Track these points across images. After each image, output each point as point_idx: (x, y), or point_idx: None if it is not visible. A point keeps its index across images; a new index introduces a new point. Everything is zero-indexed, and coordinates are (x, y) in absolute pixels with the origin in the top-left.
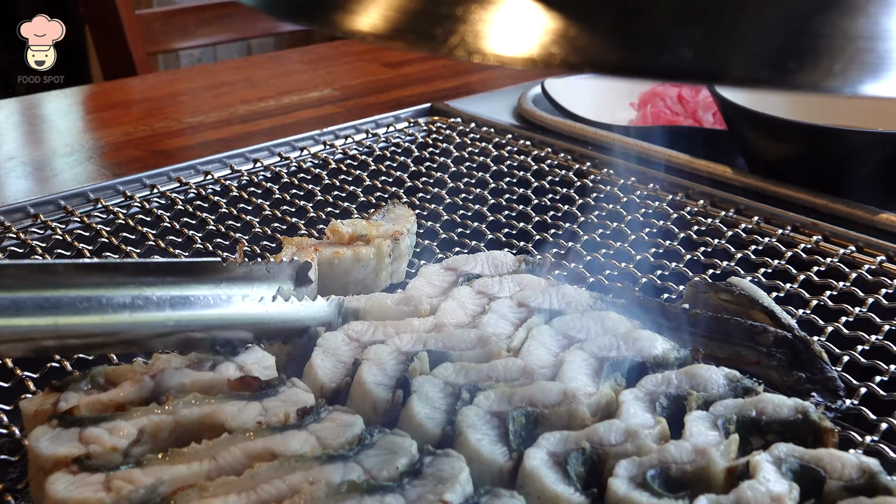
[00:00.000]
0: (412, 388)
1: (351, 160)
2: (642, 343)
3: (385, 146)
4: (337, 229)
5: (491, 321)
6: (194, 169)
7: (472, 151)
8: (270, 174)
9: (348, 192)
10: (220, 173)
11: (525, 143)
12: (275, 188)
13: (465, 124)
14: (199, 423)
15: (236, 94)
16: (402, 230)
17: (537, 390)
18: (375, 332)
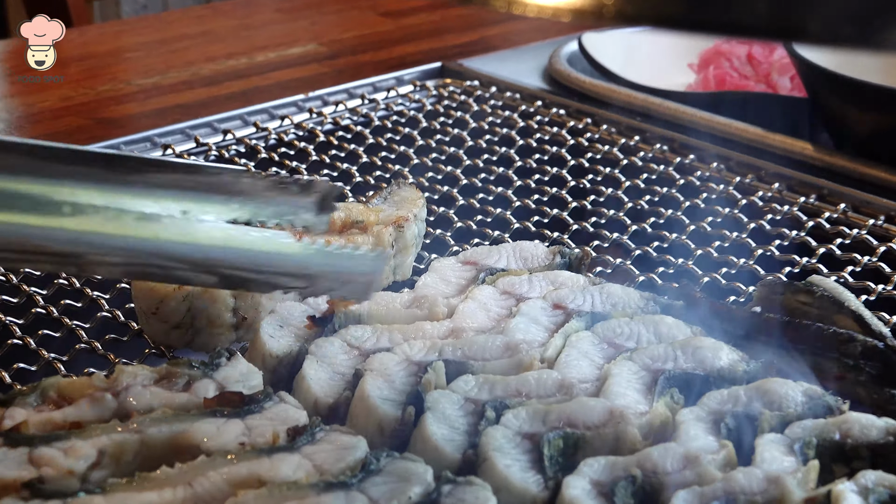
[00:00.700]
0: (426, 405)
1: (343, 132)
2: (704, 353)
3: (385, 115)
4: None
5: (520, 326)
6: (150, 142)
7: (493, 122)
8: (244, 148)
9: (341, 171)
10: (183, 147)
11: (558, 112)
12: (250, 165)
13: (483, 89)
14: (169, 443)
15: (198, 49)
16: (407, 216)
17: (577, 408)
18: (380, 339)
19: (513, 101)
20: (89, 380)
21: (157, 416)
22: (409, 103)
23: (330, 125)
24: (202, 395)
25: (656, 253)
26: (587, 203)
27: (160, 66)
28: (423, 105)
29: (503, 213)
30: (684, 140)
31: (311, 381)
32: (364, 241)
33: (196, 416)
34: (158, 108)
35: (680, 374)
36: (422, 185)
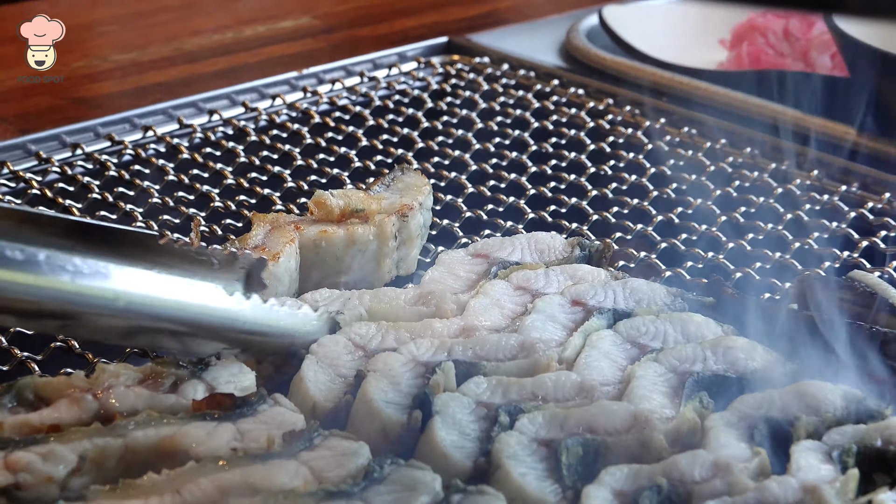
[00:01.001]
0: (434, 409)
1: (341, 113)
2: (736, 353)
3: (387, 94)
4: (324, 202)
5: (536, 324)
6: (129, 123)
7: (506, 103)
8: (232, 130)
9: (338, 156)
10: (165, 129)
11: (577, 91)
12: (239, 149)
13: (494, 66)
14: (155, 448)
15: (182, 22)
16: (411, 204)
17: (598, 413)
18: (385, 337)
19: (527, 80)
20: (68, 379)
21: (142, 418)
22: (412, 82)
23: (326, 105)
24: (190, 397)
25: (684, 246)
26: (608, 191)
27: (139, 40)
28: (428, 84)
29: (516, 202)
30: (715, 123)
31: (310, 383)
32: (365, 231)
33: (184, 419)
34: (137, 87)
35: (710, 376)
36: (427, 171)
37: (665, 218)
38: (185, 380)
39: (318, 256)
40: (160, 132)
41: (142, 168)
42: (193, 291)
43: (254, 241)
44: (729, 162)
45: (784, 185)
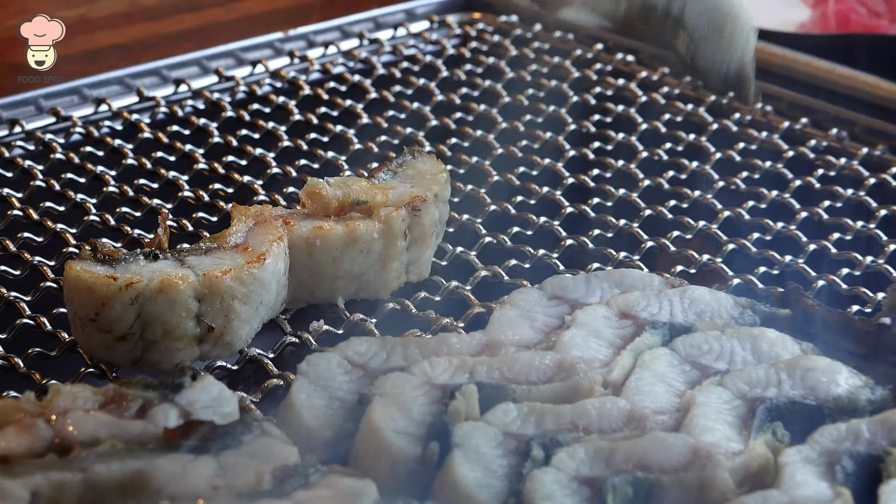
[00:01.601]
0: (454, 441)
1: (337, 83)
2: (817, 377)
3: (392, 61)
4: (319, 192)
5: (577, 340)
6: (78, 95)
7: (538, 72)
8: (204, 104)
9: (333, 135)
10: (122, 102)
11: (626, 58)
12: (212, 127)
13: (524, 27)
14: (121, 485)
15: None
16: (425, 195)
17: (651, 446)
18: (392, 355)
19: (564, 45)
20: (16, 402)
21: (106, 449)
22: (423, 45)
23: (318, 74)
24: (162, 424)
25: (756, 248)
26: (664, 181)
27: None
28: (444, 48)
29: (552, 193)
30: (794, 99)
31: (303, 408)
32: (369, 228)
33: (155, 451)
34: (87, 50)
35: (785, 403)
36: (442, 155)
37: (733, 214)
38: (154, 404)
39: (312, 259)
40: (116, 106)
41: (94, 150)
42: None
43: (234, 238)
44: (811, 146)
45: (877, 175)
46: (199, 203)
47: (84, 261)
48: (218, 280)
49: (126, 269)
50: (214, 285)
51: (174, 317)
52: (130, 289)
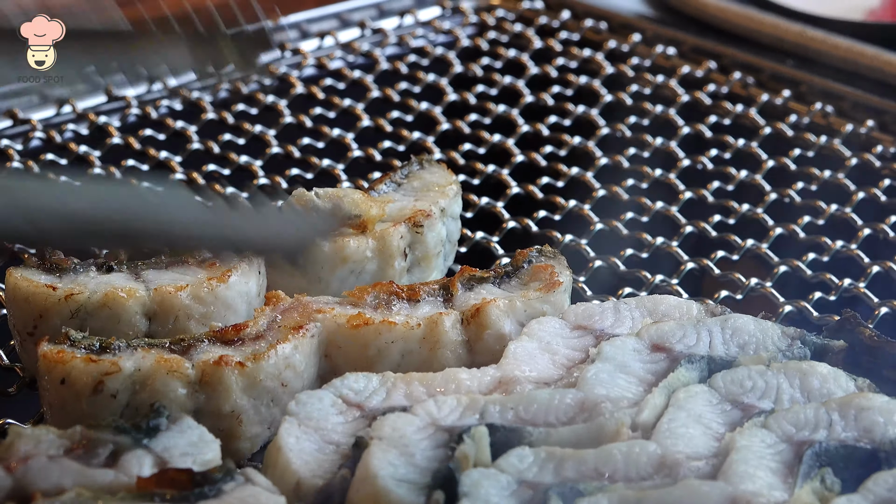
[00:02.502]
0: (461, 490)
1: (334, 80)
2: (873, 417)
3: (397, 54)
4: (305, 203)
5: (602, 375)
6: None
7: (565, 67)
8: (181, 105)
9: (329, 140)
10: (88, 103)
11: (666, 51)
12: (190, 131)
13: (550, 14)
14: None
15: None
16: (429, 210)
17: (685, 496)
18: (392, 393)
19: (596, 35)
20: None
21: (71, 499)
22: (434, 36)
23: (312, 69)
24: (134, 473)
25: (810, 270)
26: (707, 193)
27: None
28: (457, 39)
29: (579, 207)
30: (859, 98)
31: (292, 453)
32: (361, 245)
33: (126, 500)
34: None
35: (836, 447)
36: (454, 163)
37: (785, 231)
38: (127, 449)
39: (294, 280)
40: (81, 108)
41: (56, 157)
42: None
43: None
44: (877, 153)
45: None
46: None
47: (28, 269)
48: (171, 296)
49: (72, 280)
50: (167, 302)
51: (119, 335)
52: (70, 300)
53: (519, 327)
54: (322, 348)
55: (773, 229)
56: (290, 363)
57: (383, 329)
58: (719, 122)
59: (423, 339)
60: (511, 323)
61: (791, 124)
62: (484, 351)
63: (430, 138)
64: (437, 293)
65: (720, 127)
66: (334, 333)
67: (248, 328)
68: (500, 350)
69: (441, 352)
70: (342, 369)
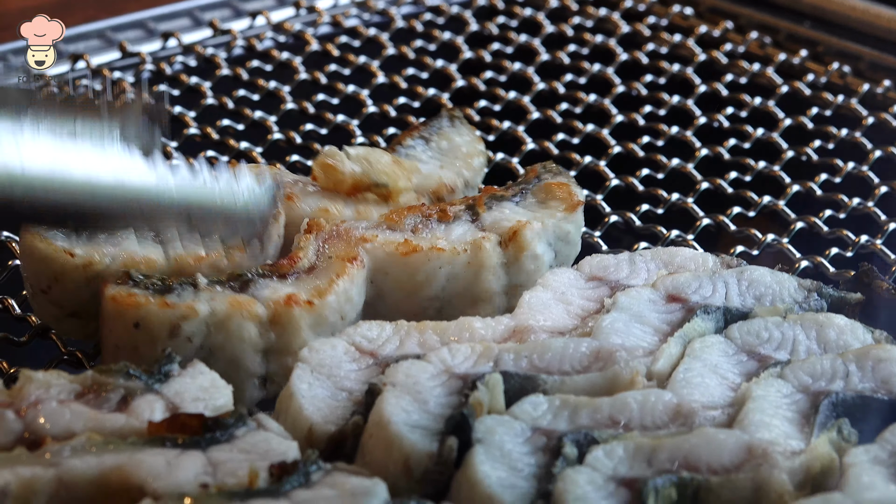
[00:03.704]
0: (475, 436)
1: (349, 37)
2: (891, 369)
3: (413, 12)
4: (334, 166)
5: (617, 325)
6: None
7: (581, 26)
8: (196, 61)
9: (344, 97)
10: (102, 58)
11: (682, 11)
12: (205, 87)
13: None
14: (98, 482)
15: None
16: (453, 183)
17: (700, 444)
18: (406, 341)
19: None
20: None
21: (81, 443)
22: None
23: (327, 27)
24: (145, 418)
25: (827, 227)
26: (723, 151)
27: None
28: None
29: (594, 164)
30: (876, 58)
31: (304, 399)
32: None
33: (137, 444)
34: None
35: (853, 397)
36: (469, 119)
37: (802, 188)
38: (138, 394)
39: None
40: (95, 63)
41: None
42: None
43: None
44: (894, 112)
45: None
46: None
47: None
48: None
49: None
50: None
51: None
52: (88, 269)
53: (549, 247)
54: (370, 275)
55: (790, 186)
56: (349, 296)
57: (432, 256)
58: (736, 81)
59: (468, 264)
60: (544, 244)
61: (808, 83)
62: (519, 272)
63: (446, 95)
64: (465, 212)
65: (737, 86)
66: (382, 261)
67: (301, 261)
68: (535, 271)
69: (484, 275)
70: (388, 295)
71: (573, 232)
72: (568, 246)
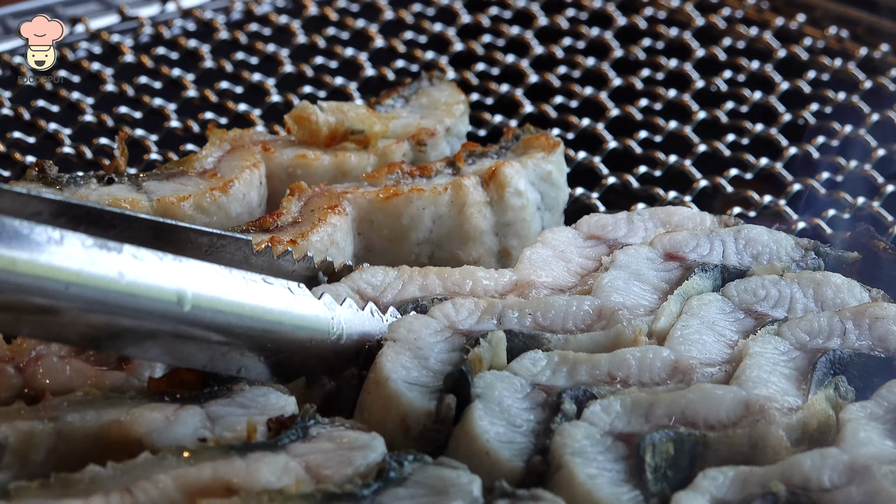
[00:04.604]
0: (474, 392)
1: (347, 1)
2: (887, 326)
3: None
4: (307, 117)
5: (617, 283)
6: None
7: None
8: (195, 25)
9: (343, 61)
10: (100, 22)
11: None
12: (203, 50)
13: None
14: (97, 437)
15: None
16: (433, 128)
17: (697, 400)
18: (408, 285)
19: None
20: None
21: (79, 398)
22: None
23: None
24: (145, 375)
25: (825, 188)
26: (722, 114)
27: None
28: None
29: (592, 127)
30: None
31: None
32: (361, 161)
33: (136, 399)
34: None
35: (850, 355)
36: (467, 83)
37: (799, 151)
38: None
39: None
40: (94, 27)
41: (69, 74)
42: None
43: (202, 163)
44: (891, 76)
45: None
46: (188, 134)
47: (29, 182)
48: (174, 206)
49: (73, 192)
50: (170, 212)
51: None
52: None
53: (532, 187)
54: (355, 226)
55: (787, 149)
56: (334, 239)
57: (413, 196)
58: (733, 46)
59: (451, 203)
60: (525, 182)
61: (806, 48)
62: (505, 210)
63: (444, 58)
64: (446, 167)
65: (734, 50)
66: (366, 209)
67: (283, 215)
68: (521, 208)
69: (469, 212)
70: (377, 245)
71: (555, 172)
72: (553, 188)
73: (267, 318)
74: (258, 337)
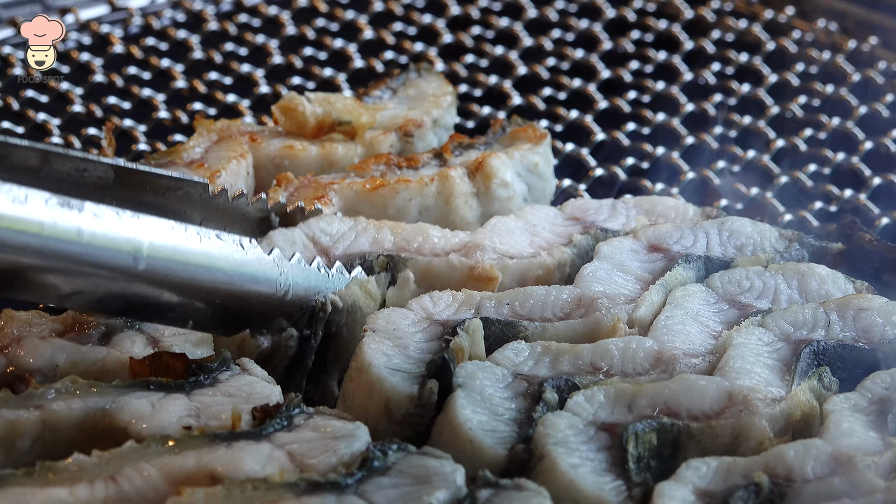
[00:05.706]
0: (456, 380)
1: None
2: (870, 318)
3: None
4: (294, 107)
5: (599, 273)
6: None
7: None
8: (184, 16)
9: (332, 52)
10: (90, 13)
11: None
12: (192, 41)
13: None
14: (82, 425)
15: None
16: (420, 119)
17: (680, 390)
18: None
19: None
20: None
21: (65, 386)
22: None
23: None
24: (127, 352)
25: (812, 181)
26: (710, 106)
27: None
28: None
29: (581, 119)
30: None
31: None
32: (349, 152)
33: (121, 387)
34: None
35: (834, 346)
36: (456, 75)
37: (787, 143)
38: (118, 330)
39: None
40: (84, 17)
41: (58, 64)
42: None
43: (190, 154)
44: (880, 69)
45: None
46: (176, 125)
47: None
48: None
49: None
50: None
51: None
52: None
53: (518, 178)
54: None
55: (775, 141)
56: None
57: (400, 187)
58: (722, 38)
59: (437, 194)
60: (512, 173)
61: (795, 41)
62: (492, 201)
63: (433, 50)
64: (433, 159)
65: (723, 42)
66: (352, 200)
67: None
68: (508, 199)
69: (456, 203)
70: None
71: (541, 163)
72: (540, 180)
73: (219, 273)
74: (209, 291)
